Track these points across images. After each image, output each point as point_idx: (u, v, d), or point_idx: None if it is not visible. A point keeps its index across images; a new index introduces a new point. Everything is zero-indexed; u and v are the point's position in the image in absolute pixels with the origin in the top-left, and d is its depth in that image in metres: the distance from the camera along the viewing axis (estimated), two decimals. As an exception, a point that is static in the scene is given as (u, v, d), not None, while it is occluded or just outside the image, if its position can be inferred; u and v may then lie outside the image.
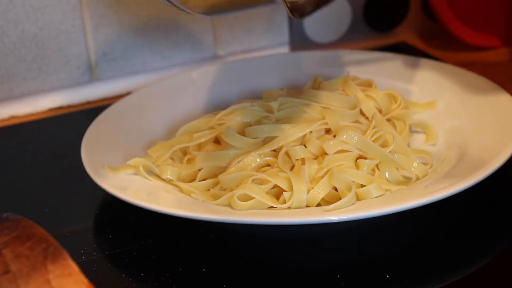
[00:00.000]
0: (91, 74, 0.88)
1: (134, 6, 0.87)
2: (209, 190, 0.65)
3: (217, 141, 0.70)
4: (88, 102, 0.88)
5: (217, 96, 0.81)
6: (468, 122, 0.72)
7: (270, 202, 0.61)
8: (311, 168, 0.63)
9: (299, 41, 0.94)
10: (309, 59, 0.85)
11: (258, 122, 0.68)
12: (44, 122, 0.85)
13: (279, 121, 0.68)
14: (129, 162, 0.67)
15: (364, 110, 0.70)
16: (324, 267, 0.59)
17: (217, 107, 0.75)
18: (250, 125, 0.68)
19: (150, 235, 0.63)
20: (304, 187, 0.61)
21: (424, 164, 0.66)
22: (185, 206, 0.62)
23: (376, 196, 0.62)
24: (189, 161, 0.69)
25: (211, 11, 0.61)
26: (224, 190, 0.64)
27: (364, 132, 0.66)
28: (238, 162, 0.65)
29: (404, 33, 0.98)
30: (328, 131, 0.67)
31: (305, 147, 0.65)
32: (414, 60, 0.82)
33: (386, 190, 0.63)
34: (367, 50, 0.92)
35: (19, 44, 0.84)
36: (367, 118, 0.69)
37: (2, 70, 0.84)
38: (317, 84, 0.74)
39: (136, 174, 0.67)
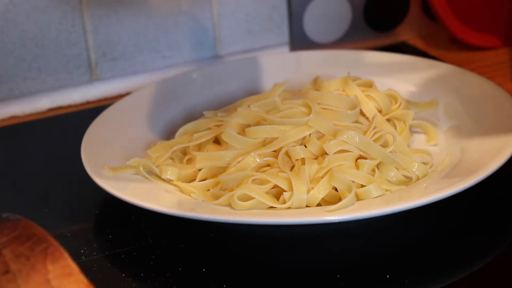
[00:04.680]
0: (91, 74, 0.88)
1: (134, 6, 0.87)
2: (209, 190, 0.65)
3: (217, 141, 0.70)
4: (88, 102, 0.88)
5: (217, 96, 0.81)
6: (468, 122, 0.72)
7: (270, 202, 0.61)
8: (311, 168, 0.63)
9: (299, 41, 0.94)
10: (309, 59, 0.85)
11: (258, 123, 0.68)
12: (44, 122, 0.85)
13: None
14: (129, 162, 0.67)
15: (364, 110, 0.70)
16: (324, 267, 0.59)
17: (217, 107, 0.75)
18: (250, 126, 0.68)
19: (150, 235, 0.63)
20: (304, 187, 0.61)
21: (424, 164, 0.66)
22: (185, 206, 0.62)
23: (376, 196, 0.62)
24: (189, 161, 0.69)
25: None
26: (224, 190, 0.64)
27: (365, 133, 0.66)
28: (238, 162, 0.65)
29: (404, 33, 0.98)
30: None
31: (305, 147, 0.65)
32: (414, 60, 0.82)
33: (386, 190, 0.63)
34: (367, 50, 0.92)
35: (19, 44, 0.84)
36: (367, 118, 0.69)
37: (2, 70, 0.84)
38: (317, 84, 0.74)
39: (136, 174, 0.67)
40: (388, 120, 0.71)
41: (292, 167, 0.65)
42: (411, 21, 0.98)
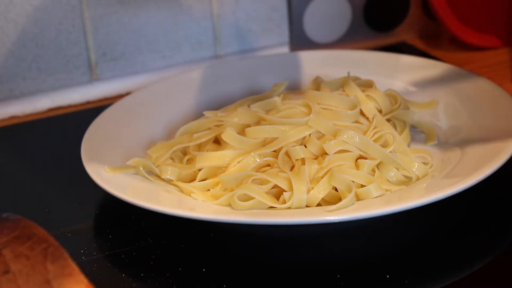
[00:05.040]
0: (91, 74, 0.88)
1: (134, 6, 0.87)
2: (209, 190, 0.65)
3: (217, 141, 0.70)
4: (88, 102, 0.88)
5: (217, 96, 0.81)
6: (468, 122, 0.72)
7: (270, 202, 0.61)
8: (311, 168, 0.63)
9: (299, 41, 0.94)
10: (309, 59, 0.85)
11: (258, 123, 0.68)
12: (44, 122, 0.85)
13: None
14: (129, 162, 0.67)
15: (364, 110, 0.70)
16: (324, 267, 0.59)
17: (217, 107, 0.75)
18: (250, 126, 0.68)
19: (150, 235, 0.63)
20: (304, 187, 0.61)
21: (424, 164, 0.66)
22: (185, 206, 0.62)
23: (376, 196, 0.62)
24: (189, 161, 0.69)
25: None
26: (224, 190, 0.64)
27: (365, 133, 0.66)
28: (238, 162, 0.65)
29: (404, 33, 0.98)
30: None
31: (305, 147, 0.65)
32: (414, 60, 0.82)
33: (386, 190, 0.63)
34: (367, 50, 0.92)
35: (19, 44, 0.84)
36: (367, 118, 0.69)
37: (2, 70, 0.84)
38: (317, 84, 0.74)
39: (136, 174, 0.67)
40: (388, 120, 0.71)
41: (292, 167, 0.65)
42: (411, 21, 0.98)
